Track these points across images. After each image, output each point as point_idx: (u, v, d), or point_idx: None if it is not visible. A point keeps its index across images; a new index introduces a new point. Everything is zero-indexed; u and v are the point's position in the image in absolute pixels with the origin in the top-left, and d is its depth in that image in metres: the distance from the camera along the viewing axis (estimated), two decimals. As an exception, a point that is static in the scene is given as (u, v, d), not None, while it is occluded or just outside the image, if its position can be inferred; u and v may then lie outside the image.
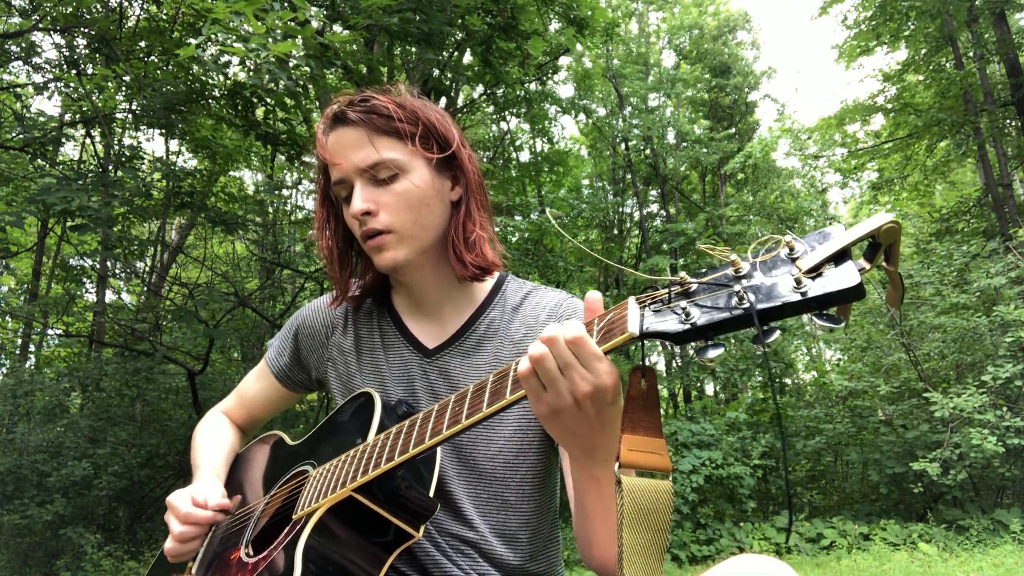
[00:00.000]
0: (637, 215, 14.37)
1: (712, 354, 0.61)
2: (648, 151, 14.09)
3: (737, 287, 0.60)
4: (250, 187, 11.51)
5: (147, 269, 9.71)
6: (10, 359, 10.37)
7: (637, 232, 14.76)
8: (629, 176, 14.13)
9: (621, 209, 14.87)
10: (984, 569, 5.22)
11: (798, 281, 0.57)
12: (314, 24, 4.22)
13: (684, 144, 14.58)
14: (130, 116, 6.27)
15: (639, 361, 0.70)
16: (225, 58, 5.25)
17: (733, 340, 9.94)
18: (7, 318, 9.99)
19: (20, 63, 6.63)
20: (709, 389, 14.85)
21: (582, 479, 0.82)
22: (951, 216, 11.21)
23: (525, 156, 13.88)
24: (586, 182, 15.76)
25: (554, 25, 7.81)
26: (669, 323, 0.64)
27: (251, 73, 4.94)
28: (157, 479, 8.12)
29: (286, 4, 3.83)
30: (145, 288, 9.65)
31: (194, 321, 6.64)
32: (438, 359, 1.07)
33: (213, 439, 1.21)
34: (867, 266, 0.58)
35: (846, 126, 12.68)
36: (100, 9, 6.37)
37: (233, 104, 5.81)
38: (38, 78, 6.74)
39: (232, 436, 1.24)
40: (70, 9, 5.64)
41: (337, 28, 5.12)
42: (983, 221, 10.79)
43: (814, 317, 0.57)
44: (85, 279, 8.86)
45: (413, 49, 6.23)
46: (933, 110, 10.90)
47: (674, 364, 12.81)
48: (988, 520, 6.45)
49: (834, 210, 17.25)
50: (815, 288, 0.56)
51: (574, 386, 0.69)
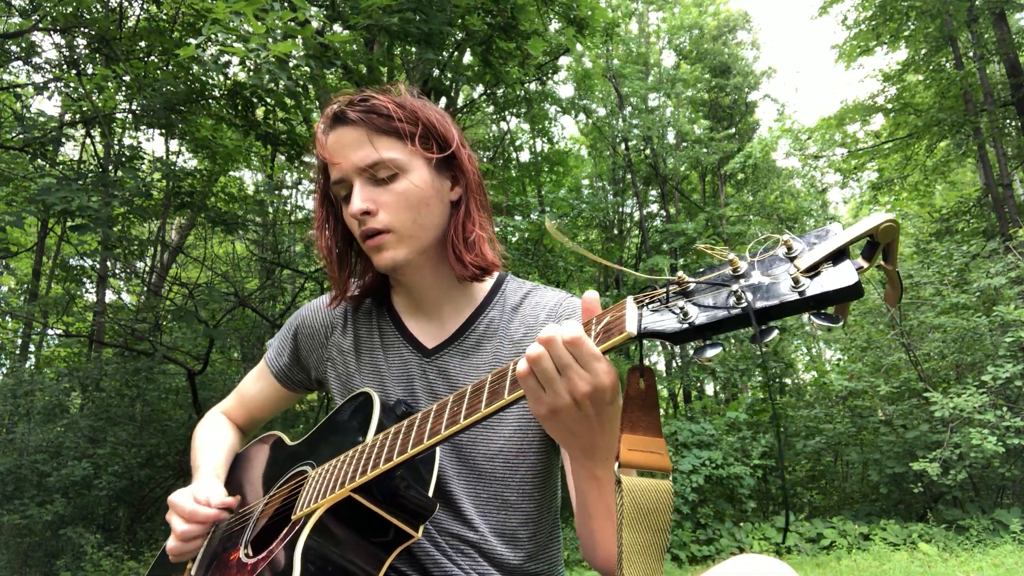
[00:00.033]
0: (637, 215, 14.36)
1: (710, 354, 0.61)
2: (648, 151, 14.08)
3: (735, 286, 0.60)
4: (250, 187, 11.52)
5: (147, 269, 9.70)
6: (10, 359, 10.37)
7: (637, 232, 14.76)
8: (629, 176, 14.13)
9: (621, 209, 14.86)
10: (984, 569, 5.21)
11: (796, 280, 0.56)
12: (314, 24, 4.22)
13: (684, 144, 14.58)
14: (130, 116, 6.27)
15: (638, 361, 0.70)
16: (225, 58, 5.25)
17: (733, 340, 9.94)
18: (7, 318, 9.98)
19: (20, 63, 6.63)
20: (709, 389, 14.85)
21: (583, 479, 0.82)
22: (951, 216, 11.20)
23: (525, 156, 13.89)
24: (586, 182, 15.75)
25: (554, 25, 7.80)
26: (667, 323, 0.64)
27: (251, 73, 4.94)
28: (157, 479, 8.12)
29: (286, 4, 3.83)
30: (145, 288, 9.65)
31: (194, 321, 6.64)
32: (437, 359, 1.07)
33: (213, 439, 1.21)
34: (865, 265, 0.58)
35: (846, 126, 12.67)
36: (100, 9, 6.37)
37: (233, 104, 5.81)
38: (38, 78, 6.74)
39: (232, 436, 1.24)
40: (70, 9, 5.64)
41: (337, 28, 5.12)
42: (983, 221, 10.79)
43: (812, 316, 0.57)
44: (85, 279, 8.86)
45: (413, 49, 6.23)
46: (933, 110, 10.90)
47: (674, 364, 12.81)
48: (988, 520, 6.45)
49: (834, 210, 17.25)
50: (813, 287, 0.56)
51: (573, 386, 0.69)
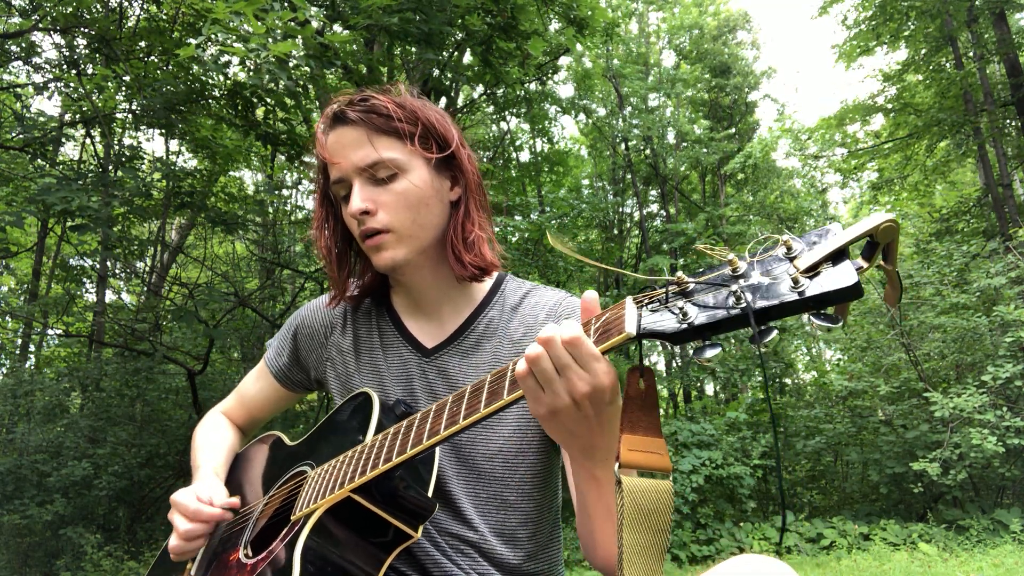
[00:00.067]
0: (637, 215, 14.36)
1: (710, 354, 0.61)
2: (648, 151, 14.08)
3: (734, 287, 0.59)
4: (250, 187, 11.52)
5: (147, 269, 9.70)
6: (10, 359, 10.37)
7: (637, 232, 14.76)
8: (629, 176, 14.13)
9: (621, 209, 14.86)
10: (984, 569, 5.21)
11: (795, 280, 0.56)
12: (314, 24, 4.22)
13: (684, 144, 14.57)
14: (130, 116, 6.27)
15: (638, 361, 0.70)
16: (225, 58, 5.24)
17: (733, 340, 9.93)
18: (7, 318, 9.98)
19: (20, 63, 6.62)
20: (709, 389, 14.85)
21: (582, 479, 0.82)
22: (951, 216, 11.20)
23: (525, 156, 13.89)
24: (586, 182, 15.75)
25: (554, 25, 7.80)
26: (666, 323, 0.63)
27: (251, 73, 4.94)
28: (157, 479, 8.12)
29: (286, 4, 3.82)
30: (145, 288, 9.64)
31: (194, 321, 6.64)
32: (437, 359, 1.07)
33: (213, 439, 1.21)
34: (865, 265, 0.58)
35: (846, 126, 12.67)
36: (100, 9, 6.36)
37: (233, 104, 5.81)
38: (38, 78, 6.74)
39: (232, 436, 1.24)
40: (70, 9, 5.64)
41: (337, 28, 5.12)
42: (983, 221, 10.78)
43: (812, 317, 0.56)
44: (85, 279, 8.86)
45: (413, 49, 6.23)
46: (933, 110, 10.90)
47: (674, 364, 12.81)
48: (988, 520, 6.45)
49: (834, 210, 17.25)
50: (813, 287, 0.56)
51: (572, 386, 0.68)
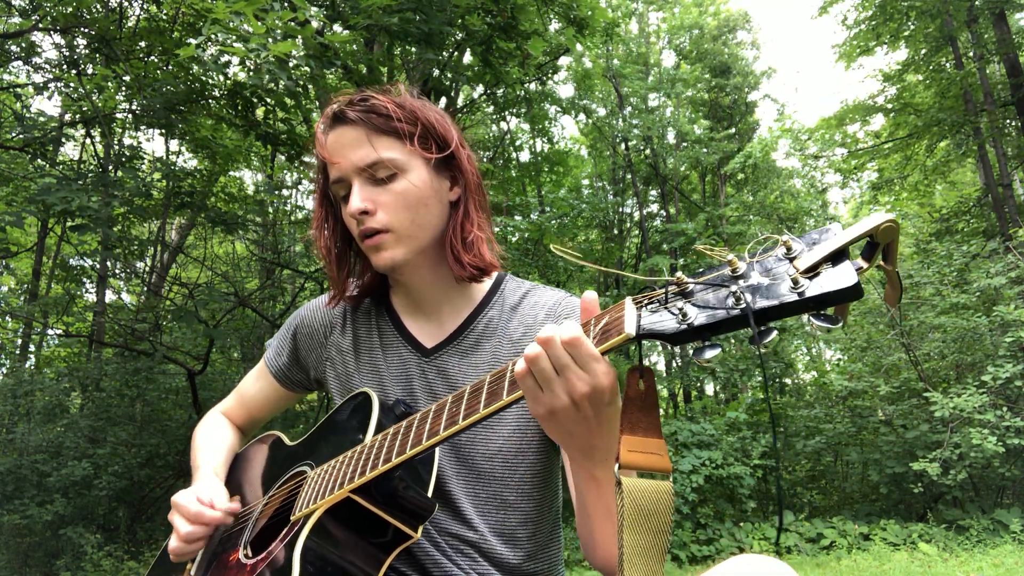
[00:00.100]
0: (637, 215, 14.36)
1: (709, 355, 0.60)
2: (648, 151, 14.08)
3: (734, 287, 0.59)
4: (250, 187, 11.52)
5: (147, 269, 9.70)
6: (10, 359, 10.37)
7: (637, 232, 14.76)
8: (629, 176, 14.12)
9: (621, 209, 14.86)
10: (984, 569, 5.21)
11: (795, 281, 0.56)
12: (314, 24, 4.22)
13: (684, 144, 14.57)
14: (130, 116, 6.26)
15: (638, 361, 0.69)
16: (225, 58, 5.24)
17: (733, 340, 9.93)
18: (7, 318, 9.98)
19: (20, 63, 6.62)
20: (709, 389, 14.85)
21: (581, 479, 0.82)
22: (951, 216, 11.20)
23: (525, 156, 13.89)
24: (586, 182, 15.75)
25: (554, 25, 7.80)
26: (666, 324, 0.63)
27: (251, 73, 4.94)
28: (157, 479, 8.12)
29: (286, 4, 3.82)
30: (145, 288, 9.64)
31: (194, 321, 6.64)
32: (436, 358, 1.07)
33: (213, 439, 1.21)
34: (865, 265, 0.57)
35: (846, 126, 12.67)
36: (100, 9, 6.36)
37: (233, 104, 5.80)
38: (38, 78, 6.74)
39: (231, 436, 1.24)
40: (70, 9, 5.64)
41: (337, 28, 5.12)
42: (983, 221, 10.78)
43: (811, 318, 0.56)
44: (85, 279, 8.86)
45: (413, 49, 6.23)
46: (933, 110, 10.89)
47: (674, 364, 12.81)
48: (988, 520, 6.44)
49: (834, 210, 17.24)
50: (812, 288, 0.56)
51: (571, 387, 0.68)
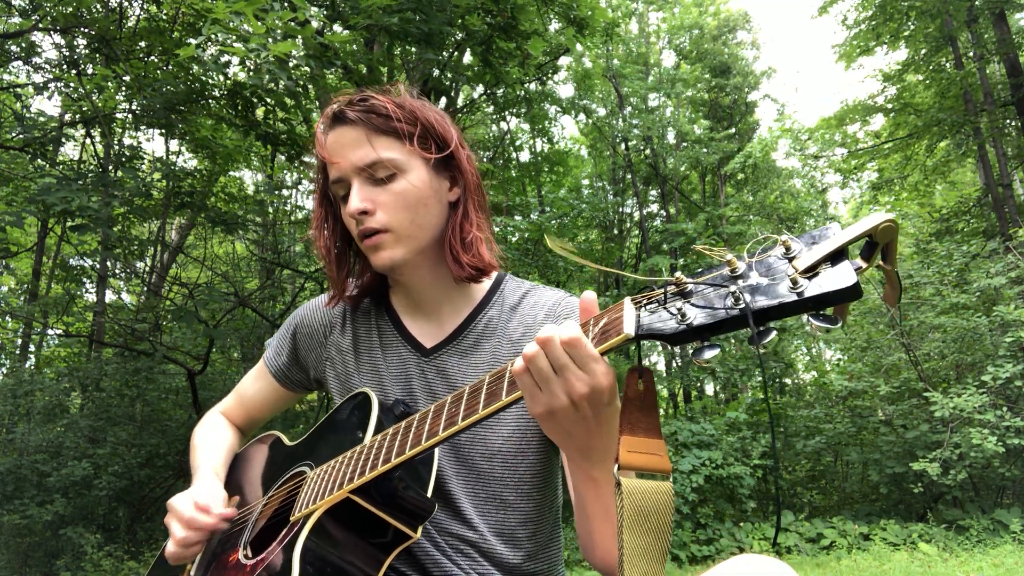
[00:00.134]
0: (637, 215, 14.36)
1: (708, 355, 0.60)
2: (648, 151, 14.08)
3: (733, 287, 0.59)
4: (250, 187, 11.52)
5: (147, 269, 9.70)
6: (10, 359, 10.37)
7: (637, 232, 14.76)
8: (629, 176, 14.13)
9: (621, 209, 14.86)
10: (984, 569, 5.21)
11: (794, 281, 0.56)
12: (314, 24, 4.22)
13: (684, 144, 14.57)
14: (130, 116, 6.26)
15: (637, 362, 0.69)
16: (225, 58, 5.24)
17: (733, 340, 9.93)
18: (7, 318, 9.98)
19: (20, 63, 6.62)
20: (709, 389, 14.85)
21: (580, 479, 0.82)
22: (951, 216, 11.20)
23: (525, 156, 13.89)
24: (586, 182, 15.76)
25: (554, 25, 7.80)
26: (665, 324, 0.63)
27: (251, 73, 4.94)
28: (157, 479, 8.12)
29: (286, 4, 3.82)
30: (145, 288, 9.65)
31: (194, 321, 6.64)
32: (436, 358, 1.06)
33: (212, 439, 1.20)
34: (864, 265, 0.57)
35: (846, 126, 12.67)
36: (100, 9, 6.36)
37: (233, 104, 5.80)
38: (38, 78, 6.74)
39: (231, 436, 1.24)
40: (70, 9, 5.63)
41: (337, 28, 5.12)
42: (983, 221, 10.78)
43: (811, 318, 0.56)
44: (85, 279, 8.86)
45: (413, 49, 6.23)
46: (933, 110, 10.89)
47: (674, 364, 12.81)
48: (988, 520, 6.44)
49: (834, 210, 17.24)
50: (811, 288, 0.55)
51: (570, 387, 0.68)
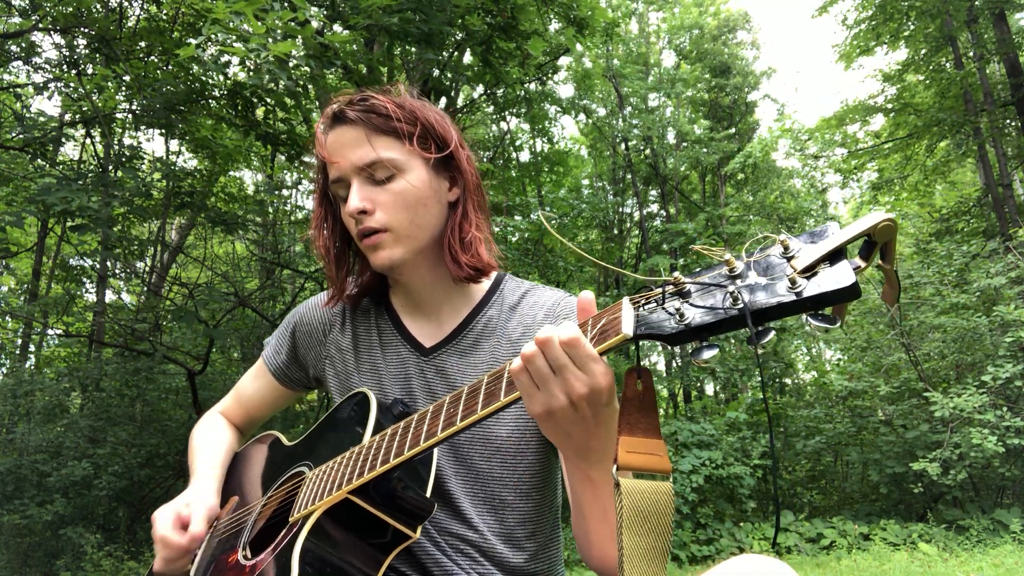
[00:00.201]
0: (637, 215, 14.36)
1: (707, 355, 0.60)
2: (648, 151, 14.08)
3: (731, 287, 0.59)
4: (250, 187, 11.52)
5: (147, 269, 9.70)
6: (10, 359, 10.37)
7: (637, 232, 14.76)
8: (629, 176, 14.13)
9: (621, 209, 14.86)
10: (984, 569, 5.21)
11: (793, 281, 0.56)
12: (314, 24, 4.22)
13: (684, 144, 14.57)
14: (130, 116, 6.26)
15: (636, 362, 0.69)
16: (225, 58, 5.24)
17: (733, 340, 9.93)
18: (7, 318, 9.98)
19: (20, 63, 6.62)
20: (709, 389, 14.85)
21: (577, 480, 0.82)
22: (951, 216, 11.20)
23: (525, 156, 13.89)
24: (586, 182, 15.76)
25: (554, 25, 7.79)
26: (663, 324, 0.63)
27: (251, 73, 4.93)
28: (157, 479, 8.13)
29: (286, 4, 3.82)
30: (145, 288, 9.65)
31: (194, 321, 6.64)
32: (435, 358, 1.06)
33: (210, 439, 1.20)
34: (863, 264, 0.57)
35: (846, 126, 12.66)
36: (100, 9, 6.36)
37: (233, 104, 5.80)
38: (38, 78, 6.74)
39: (229, 436, 1.24)
40: (70, 9, 5.63)
41: (337, 28, 5.12)
42: (983, 221, 10.78)
43: (809, 318, 0.56)
44: (85, 279, 8.86)
45: (413, 49, 6.23)
46: (933, 110, 10.89)
47: (674, 364, 12.80)
48: (988, 520, 6.44)
49: (834, 210, 17.24)
50: (810, 288, 0.55)
51: (569, 387, 0.68)
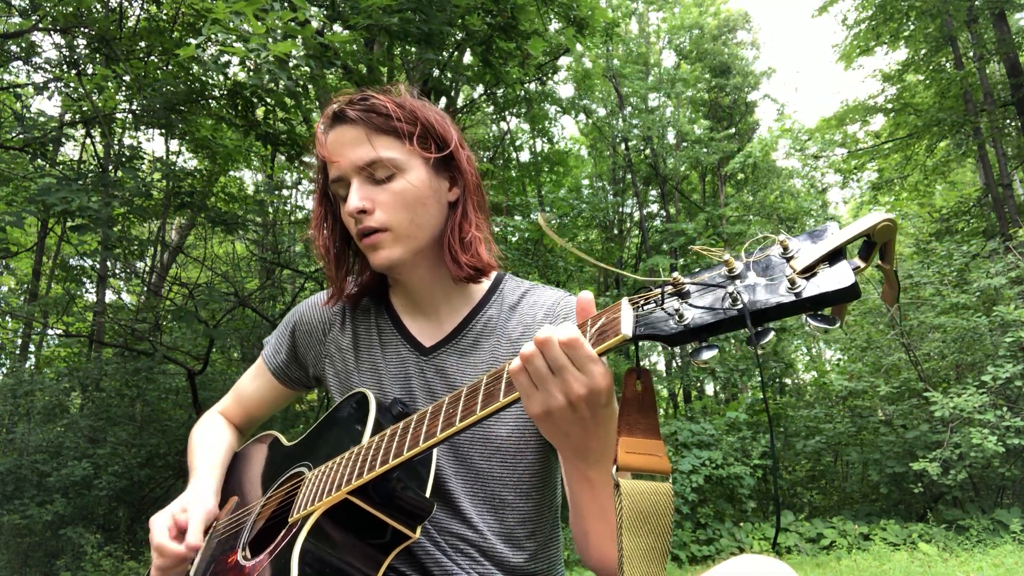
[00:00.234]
0: (637, 215, 14.36)
1: (706, 356, 0.60)
2: (648, 151, 14.08)
3: (731, 288, 0.59)
4: (250, 187, 11.52)
5: (147, 269, 9.70)
6: (10, 359, 10.37)
7: (637, 232, 14.76)
8: (629, 176, 14.12)
9: (621, 209, 14.86)
10: (984, 569, 5.21)
11: (792, 281, 0.56)
12: (314, 24, 4.22)
13: (684, 144, 14.57)
14: (130, 116, 6.26)
15: (635, 362, 0.69)
16: (225, 58, 5.25)
17: (732, 340, 9.92)
18: (7, 318, 9.98)
19: (20, 63, 6.63)
20: (709, 389, 14.84)
21: (575, 480, 0.82)
22: (951, 216, 11.20)
23: (525, 156, 13.89)
24: (586, 182, 15.75)
25: (554, 25, 7.79)
26: (662, 325, 0.63)
27: (251, 73, 4.94)
28: (157, 479, 8.13)
29: (286, 4, 3.83)
30: (145, 288, 9.65)
31: (194, 321, 6.64)
32: (435, 357, 1.06)
33: (210, 439, 1.20)
34: (862, 265, 0.57)
35: (846, 126, 12.66)
36: (100, 9, 6.36)
37: (233, 104, 5.80)
38: (38, 78, 6.74)
39: (229, 436, 1.23)
40: (70, 9, 5.64)
41: (337, 28, 5.12)
42: (983, 221, 10.78)
43: (808, 319, 0.56)
44: (85, 279, 8.86)
45: (413, 49, 6.23)
46: (933, 110, 10.89)
47: (674, 364, 12.80)
48: (988, 520, 6.44)
49: (834, 210, 17.24)
50: (809, 288, 0.55)
51: (568, 388, 0.68)
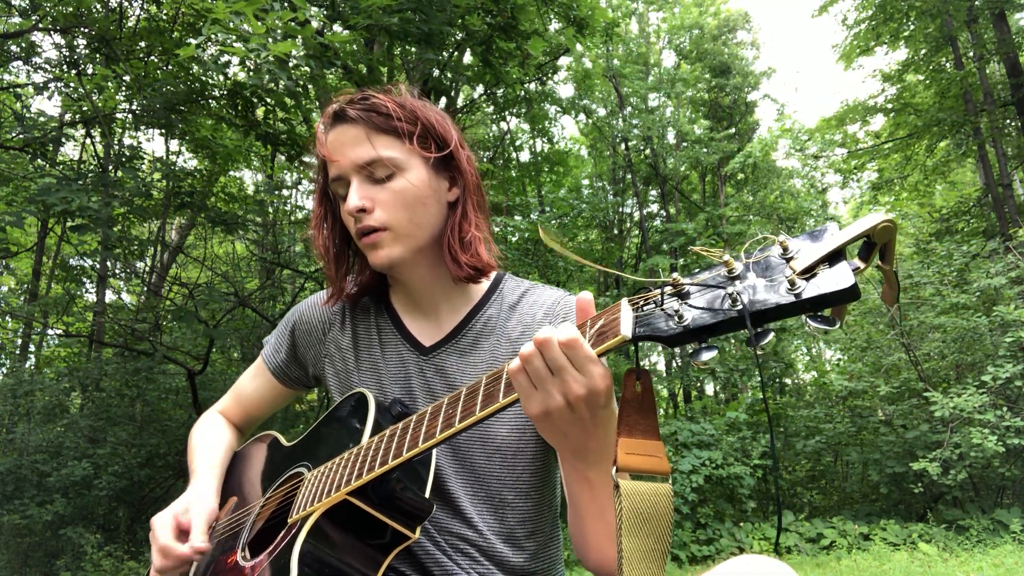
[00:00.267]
0: (637, 215, 14.36)
1: (705, 357, 0.60)
2: (648, 151, 14.08)
3: (730, 288, 0.59)
4: (250, 187, 11.52)
5: (147, 269, 9.71)
6: (10, 359, 10.37)
7: (637, 232, 14.76)
8: (629, 176, 14.12)
9: (621, 209, 14.86)
10: (984, 569, 5.21)
11: (792, 282, 0.56)
12: (314, 24, 4.22)
13: (684, 144, 14.57)
14: (130, 116, 6.26)
15: (635, 363, 0.69)
16: (225, 58, 5.25)
17: (732, 340, 9.93)
18: (7, 318, 9.98)
19: (20, 63, 6.62)
20: (709, 389, 14.84)
21: (574, 480, 0.82)
22: (951, 216, 11.20)
23: (525, 156, 13.89)
24: (586, 182, 15.75)
25: (554, 25, 7.79)
26: (662, 325, 0.63)
27: (251, 73, 4.93)
28: (157, 479, 8.13)
29: (286, 4, 3.82)
30: (145, 288, 9.65)
31: (194, 321, 6.63)
32: (435, 357, 1.06)
33: (209, 439, 1.20)
34: (862, 265, 0.57)
35: (846, 126, 12.66)
36: (100, 9, 6.36)
37: (233, 104, 5.80)
38: (38, 78, 6.74)
39: (229, 436, 1.23)
40: (70, 9, 5.64)
41: (337, 28, 5.12)
42: (983, 221, 10.78)
43: (808, 319, 0.56)
44: (85, 279, 8.86)
45: (413, 49, 6.23)
46: (933, 110, 10.89)
47: (674, 364, 12.80)
48: (988, 520, 6.44)
49: (834, 210, 17.23)
50: (809, 289, 0.55)
51: (567, 388, 0.68)
